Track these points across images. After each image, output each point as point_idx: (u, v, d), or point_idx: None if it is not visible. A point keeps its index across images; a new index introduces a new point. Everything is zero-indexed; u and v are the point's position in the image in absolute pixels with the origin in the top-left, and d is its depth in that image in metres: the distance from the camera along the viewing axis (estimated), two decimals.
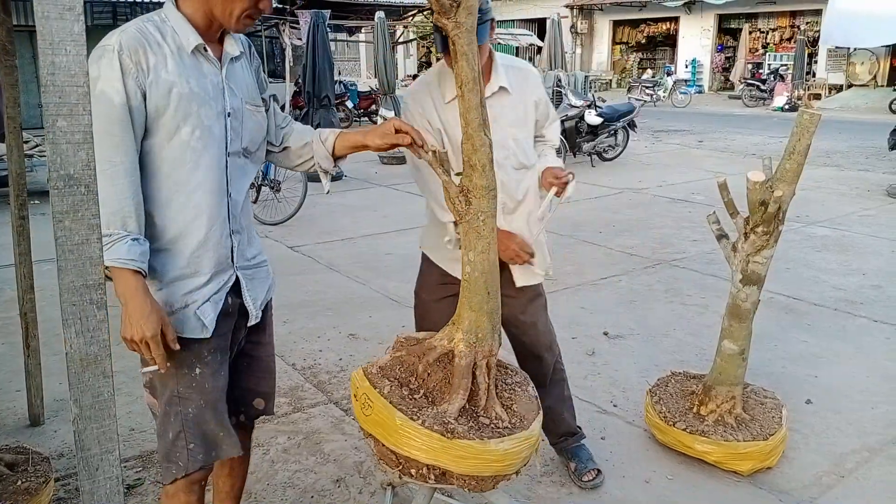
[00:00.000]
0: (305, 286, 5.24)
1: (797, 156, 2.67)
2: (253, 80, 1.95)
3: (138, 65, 1.66)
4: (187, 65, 1.74)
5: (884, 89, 21.25)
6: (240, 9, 1.74)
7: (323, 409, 3.39)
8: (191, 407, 1.81)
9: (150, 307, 1.64)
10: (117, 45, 1.65)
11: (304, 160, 2.09)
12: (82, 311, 1.05)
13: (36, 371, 3.16)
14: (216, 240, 1.81)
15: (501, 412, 1.90)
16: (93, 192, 1.03)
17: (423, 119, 2.36)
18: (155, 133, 1.71)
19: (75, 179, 1.03)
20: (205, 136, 1.75)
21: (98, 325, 1.08)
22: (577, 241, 6.71)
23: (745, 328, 2.96)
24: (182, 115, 1.71)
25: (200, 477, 1.88)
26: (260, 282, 1.99)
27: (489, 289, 1.90)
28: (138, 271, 1.64)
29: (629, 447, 3.13)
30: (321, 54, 9.82)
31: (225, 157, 1.81)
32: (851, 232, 6.91)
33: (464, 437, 1.76)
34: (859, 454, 3.08)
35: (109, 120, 1.63)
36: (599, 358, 4.06)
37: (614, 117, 10.97)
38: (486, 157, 1.84)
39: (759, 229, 2.77)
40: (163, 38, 1.72)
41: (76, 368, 1.06)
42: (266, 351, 2.12)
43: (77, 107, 1.02)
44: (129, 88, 1.65)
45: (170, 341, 1.69)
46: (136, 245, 1.65)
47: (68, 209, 1.02)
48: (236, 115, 1.83)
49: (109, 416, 1.10)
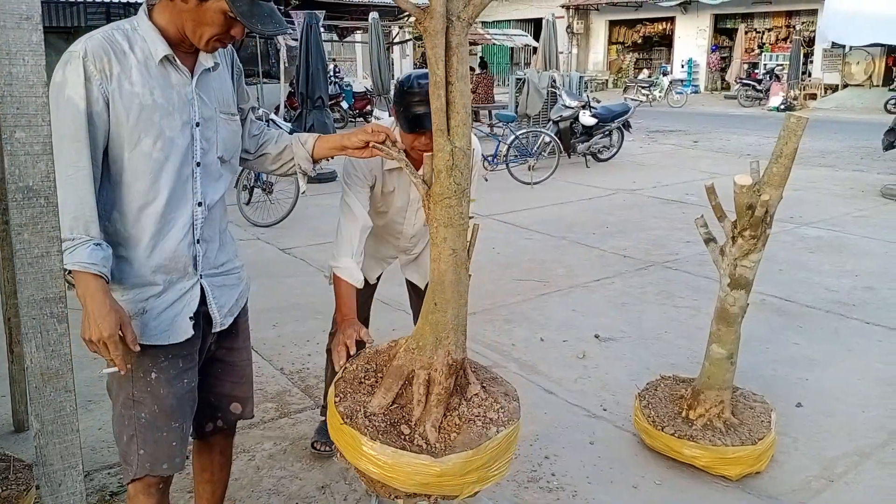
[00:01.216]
0: (296, 289, 5.21)
1: (784, 159, 2.65)
2: (230, 89, 1.94)
3: (102, 72, 1.66)
4: (153, 75, 1.73)
5: (879, 89, 21.27)
6: (209, 34, 1.73)
7: (310, 414, 3.36)
8: (144, 412, 1.82)
9: (108, 307, 1.63)
10: (82, 52, 1.65)
11: (283, 162, 2.14)
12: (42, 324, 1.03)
13: (20, 377, 3.13)
14: (177, 249, 1.81)
15: (430, 431, 1.82)
16: (52, 203, 1.01)
17: (371, 175, 2.54)
18: (116, 142, 1.71)
19: (34, 191, 1.00)
20: (167, 147, 1.74)
21: (59, 338, 1.06)
22: (569, 242, 6.69)
23: (734, 332, 2.94)
24: (143, 126, 1.71)
25: (158, 481, 1.88)
26: (229, 289, 1.98)
27: (437, 300, 1.87)
28: (100, 275, 1.64)
29: (618, 452, 3.11)
30: (314, 56, 9.79)
31: (192, 167, 1.81)
32: (845, 233, 6.90)
33: (359, 429, 1.76)
34: (849, 458, 3.07)
35: (75, 126, 1.63)
36: (590, 361, 4.04)
37: (609, 118, 10.96)
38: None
39: (746, 233, 2.76)
40: (130, 47, 1.71)
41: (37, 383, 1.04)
42: (240, 356, 2.10)
43: (36, 118, 1.00)
44: (92, 94, 1.65)
45: (129, 342, 1.67)
46: (99, 250, 1.65)
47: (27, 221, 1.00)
48: (208, 124, 1.83)
49: (72, 431, 1.08)
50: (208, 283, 1.90)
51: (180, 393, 1.86)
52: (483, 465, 1.81)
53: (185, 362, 1.87)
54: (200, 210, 1.84)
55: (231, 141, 1.92)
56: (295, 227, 7.18)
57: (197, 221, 1.84)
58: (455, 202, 1.81)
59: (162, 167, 1.75)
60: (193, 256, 1.85)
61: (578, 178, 10.07)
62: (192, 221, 1.83)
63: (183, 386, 1.87)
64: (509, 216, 7.73)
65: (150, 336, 1.78)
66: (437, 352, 1.87)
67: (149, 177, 1.74)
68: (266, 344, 4.15)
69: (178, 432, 1.86)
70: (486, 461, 1.81)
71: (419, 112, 2.34)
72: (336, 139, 2.10)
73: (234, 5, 1.67)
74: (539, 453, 3.06)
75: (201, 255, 1.87)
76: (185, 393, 1.88)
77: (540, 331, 4.48)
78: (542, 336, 4.40)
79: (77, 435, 1.07)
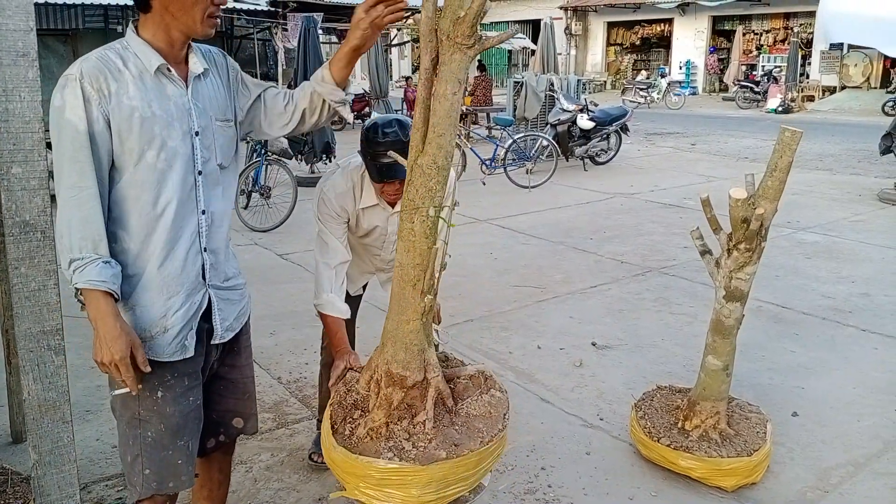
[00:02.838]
0: (293, 295, 5.22)
1: (779, 173, 2.66)
2: (224, 94, 1.94)
3: (100, 91, 1.68)
4: (149, 88, 1.75)
5: (877, 91, 21.27)
6: (200, 11, 1.75)
7: (307, 424, 3.37)
8: (150, 431, 1.83)
9: (119, 330, 1.65)
10: (78, 74, 1.67)
11: (318, 108, 2.04)
12: (39, 357, 1.04)
13: (18, 388, 3.13)
14: (187, 258, 1.83)
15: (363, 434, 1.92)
16: (49, 237, 1.02)
17: (344, 211, 2.60)
18: (121, 158, 1.73)
19: (31, 226, 1.01)
20: (170, 158, 1.77)
21: (56, 370, 1.06)
22: (567, 247, 6.71)
23: (729, 344, 2.95)
24: (146, 139, 1.73)
25: (164, 499, 1.90)
26: (232, 303, 1.99)
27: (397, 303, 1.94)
28: (109, 293, 1.66)
29: (614, 463, 3.12)
30: (312, 59, 9.80)
31: (194, 176, 1.83)
32: (842, 238, 6.91)
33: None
34: (844, 468, 3.08)
35: (75, 147, 1.65)
36: (587, 369, 4.05)
37: (606, 121, 10.98)
38: None
39: (741, 246, 2.77)
40: (124, 64, 1.74)
41: (34, 415, 1.05)
42: (242, 373, 2.12)
43: (32, 153, 1.01)
44: (92, 115, 1.67)
45: (140, 363, 1.70)
46: (108, 267, 1.67)
47: (24, 256, 1.01)
48: (205, 133, 1.85)
49: (69, 462, 1.09)
50: (214, 294, 1.92)
51: (186, 411, 1.87)
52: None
53: (191, 380, 1.88)
54: (205, 218, 1.86)
55: (228, 147, 1.94)
56: (292, 232, 7.19)
57: (202, 230, 1.86)
58: (406, 216, 1.85)
59: (166, 177, 1.77)
60: (202, 266, 1.87)
61: (576, 182, 10.09)
62: (198, 230, 1.85)
63: (189, 404, 1.88)
64: (507, 220, 7.74)
65: (172, 353, 1.81)
66: (381, 355, 1.97)
67: (154, 188, 1.76)
68: (264, 352, 4.16)
69: (185, 450, 1.87)
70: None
71: (387, 161, 2.37)
72: (342, 51, 1.97)
73: None
74: (535, 464, 3.07)
75: (209, 265, 1.89)
76: (191, 411, 1.89)
77: (537, 338, 4.49)
78: (539, 344, 4.41)
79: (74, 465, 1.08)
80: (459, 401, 2.03)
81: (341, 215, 2.59)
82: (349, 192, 2.61)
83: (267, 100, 2.05)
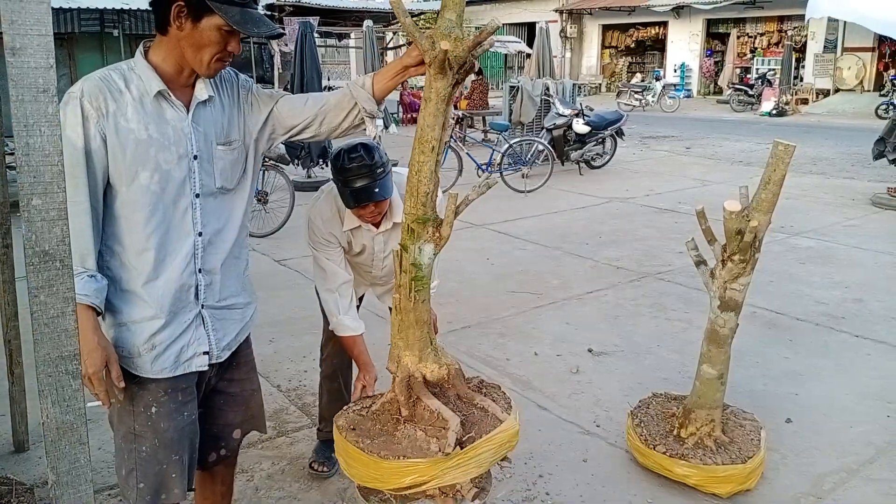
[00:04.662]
0: (292, 303, 5.25)
1: (773, 186, 2.71)
2: (232, 115, 1.95)
3: (99, 110, 1.73)
4: (148, 111, 1.79)
5: (870, 94, 21.41)
6: (209, 55, 1.79)
7: (307, 433, 3.40)
8: (144, 445, 1.87)
9: (95, 344, 1.69)
10: (79, 93, 1.73)
11: (346, 110, 1.99)
12: (58, 381, 1.08)
13: (20, 397, 3.17)
14: (178, 279, 1.86)
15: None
16: (67, 266, 1.06)
17: (332, 236, 2.65)
18: (115, 177, 1.78)
19: (50, 255, 1.05)
20: (163, 180, 1.80)
21: (73, 394, 1.10)
22: (563, 252, 6.75)
23: (724, 353, 3.00)
24: (140, 161, 1.77)
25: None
26: (231, 323, 2.02)
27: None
28: (92, 307, 1.70)
29: (611, 470, 3.16)
30: (309, 64, 9.84)
31: (191, 199, 1.86)
32: (835, 243, 6.98)
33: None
34: (837, 475, 3.13)
35: (71, 163, 1.68)
36: (584, 376, 4.10)
37: (602, 126, 11.03)
38: None
39: (735, 257, 2.82)
40: (126, 85, 1.78)
41: (53, 437, 1.09)
42: (242, 387, 2.15)
43: (51, 185, 1.05)
44: (89, 132, 1.72)
45: (114, 378, 1.74)
46: (92, 281, 1.71)
47: (43, 284, 1.05)
48: (204, 156, 1.87)
49: (86, 482, 1.12)
50: (209, 314, 1.94)
51: (181, 426, 1.90)
52: None
53: (185, 395, 1.92)
54: (201, 240, 1.89)
55: (231, 170, 1.95)
56: (290, 237, 7.21)
57: (198, 251, 1.89)
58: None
59: (159, 199, 1.81)
60: (195, 286, 1.90)
61: (572, 186, 10.14)
62: (194, 251, 1.88)
63: (183, 419, 1.91)
64: (503, 226, 7.79)
65: (160, 370, 1.84)
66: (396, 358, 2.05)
67: (147, 209, 1.80)
68: (263, 360, 4.17)
69: (179, 464, 1.90)
70: None
71: (357, 186, 2.44)
72: (395, 65, 1.94)
73: (228, 16, 1.73)
74: (533, 472, 3.11)
75: (203, 286, 1.91)
76: (186, 425, 1.92)
77: (534, 345, 4.53)
78: (536, 350, 4.45)
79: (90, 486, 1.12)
80: None
81: (331, 241, 2.64)
82: (335, 216, 2.65)
83: (281, 108, 2.02)
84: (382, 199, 2.51)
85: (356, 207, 2.51)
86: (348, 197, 2.48)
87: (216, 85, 1.93)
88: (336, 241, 2.66)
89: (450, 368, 2.01)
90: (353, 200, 2.48)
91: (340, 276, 2.64)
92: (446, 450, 1.83)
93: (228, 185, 1.95)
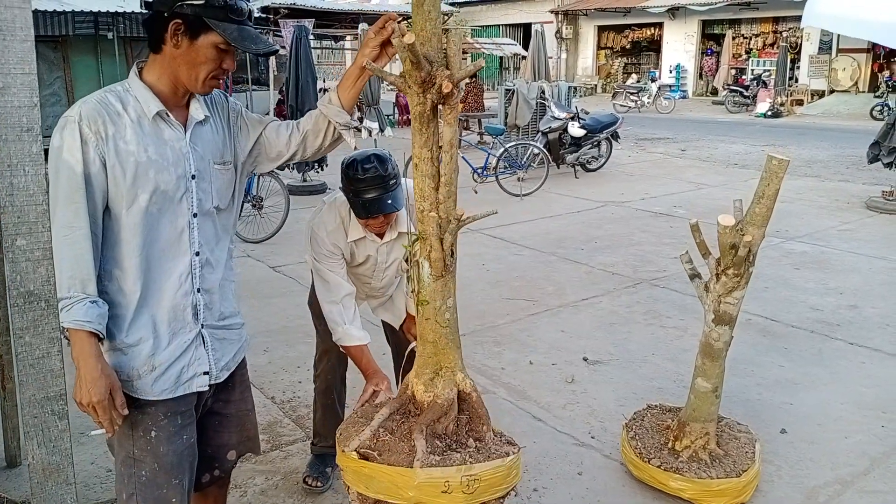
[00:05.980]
0: (286, 310, 5.23)
1: (767, 200, 2.71)
2: (224, 137, 1.96)
3: (97, 133, 1.71)
4: (147, 132, 1.78)
5: (865, 95, 21.46)
6: (205, 72, 1.79)
7: (301, 446, 3.39)
8: (144, 470, 1.85)
9: (99, 372, 1.68)
10: (77, 116, 1.71)
11: (322, 131, 2.04)
12: (43, 422, 1.07)
13: (12, 412, 3.14)
14: (175, 299, 1.85)
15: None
16: (52, 306, 1.05)
17: (336, 248, 2.65)
18: (115, 200, 1.76)
19: (35, 295, 1.04)
20: (161, 202, 1.80)
21: (59, 434, 1.09)
22: (558, 258, 6.75)
23: (718, 366, 3.00)
24: (140, 183, 1.76)
25: None
26: (229, 343, 2.01)
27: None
28: (94, 333, 1.69)
29: (605, 483, 3.16)
30: (304, 68, 9.81)
31: (188, 218, 1.85)
32: (830, 248, 6.98)
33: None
34: (831, 487, 3.13)
35: (71, 187, 1.68)
36: (578, 386, 4.09)
37: (597, 129, 11.03)
38: None
39: (729, 271, 2.81)
40: (123, 107, 1.77)
41: (38, 478, 1.08)
42: (237, 407, 2.13)
43: (36, 225, 1.04)
44: (88, 156, 1.70)
45: (118, 406, 1.73)
46: (95, 307, 1.70)
47: (28, 325, 1.03)
48: (203, 176, 1.88)
49: None
50: (209, 334, 1.94)
51: (180, 449, 1.89)
52: None
53: (184, 418, 1.91)
54: (198, 259, 1.89)
55: (225, 190, 1.97)
56: (285, 243, 7.19)
57: (195, 271, 1.88)
58: None
59: (158, 221, 1.80)
60: (194, 306, 1.89)
61: (567, 190, 10.14)
62: (191, 271, 1.88)
63: (182, 442, 1.90)
64: (498, 230, 7.78)
65: (160, 392, 1.83)
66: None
67: (147, 231, 1.79)
68: (257, 371, 4.17)
69: (179, 489, 1.89)
70: None
71: (370, 197, 2.43)
72: (350, 72, 1.99)
73: (226, 34, 1.74)
74: (528, 485, 3.10)
75: (202, 305, 1.91)
76: (185, 449, 1.91)
77: (529, 353, 4.52)
78: (531, 359, 4.44)
79: None
80: None
81: (335, 252, 2.63)
82: (339, 227, 2.64)
83: (268, 134, 2.05)
84: (394, 210, 2.50)
85: (366, 218, 2.50)
86: (360, 208, 2.47)
87: (209, 106, 1.93)
88: (339, 253, 2.64)
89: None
90: (366, 211, 2.47)
91: (344, 288, 2.62)
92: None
93: (223, 205, 1.96)
